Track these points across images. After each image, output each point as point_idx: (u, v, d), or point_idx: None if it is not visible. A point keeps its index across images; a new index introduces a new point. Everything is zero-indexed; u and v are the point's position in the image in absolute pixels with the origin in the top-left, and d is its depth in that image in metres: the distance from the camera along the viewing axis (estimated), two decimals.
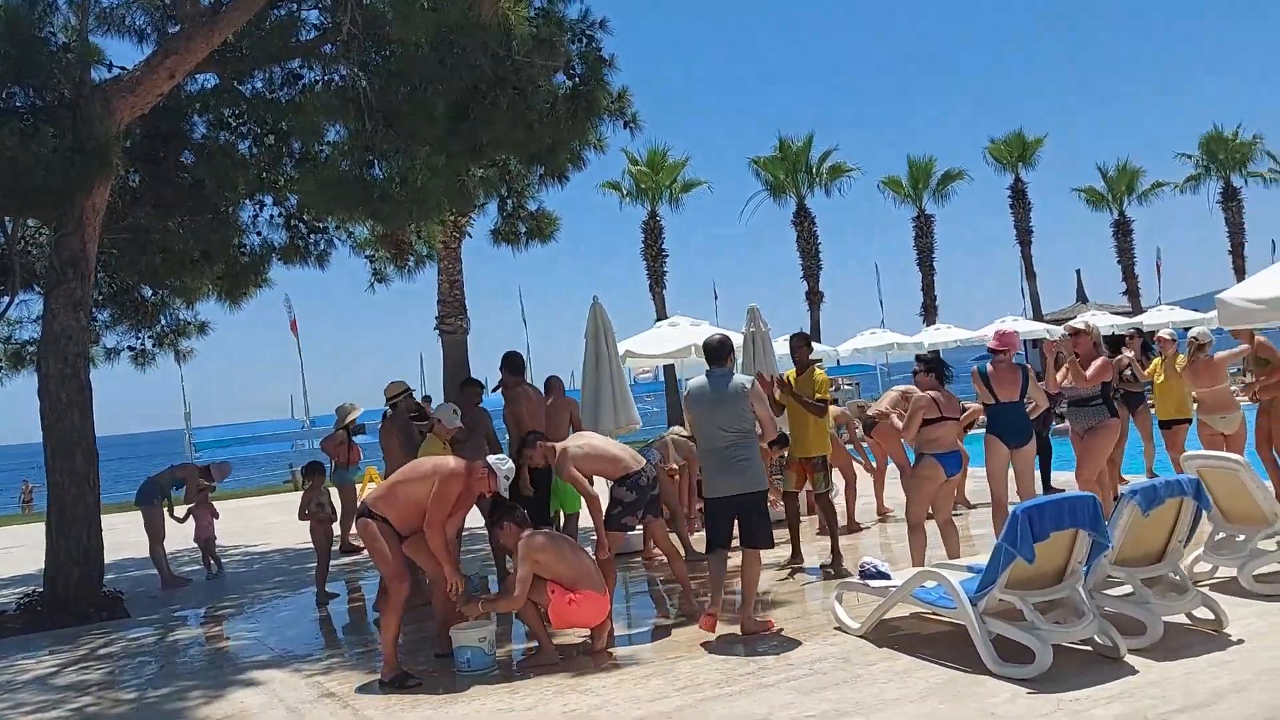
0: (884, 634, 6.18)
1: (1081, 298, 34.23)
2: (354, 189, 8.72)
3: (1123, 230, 33.03)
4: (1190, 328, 28.23)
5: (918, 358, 8.96)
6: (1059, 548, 5.30)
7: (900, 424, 7.79)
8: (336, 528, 10.31)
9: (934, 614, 6.15)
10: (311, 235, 13.91)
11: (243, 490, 26.93)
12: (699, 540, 10.21)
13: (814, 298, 27.95)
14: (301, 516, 9.76)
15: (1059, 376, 8.35)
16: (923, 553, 7.34)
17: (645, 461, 7.35)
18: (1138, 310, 30.53)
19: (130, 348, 14.22)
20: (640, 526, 8.23)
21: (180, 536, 11.99)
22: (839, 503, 10.99)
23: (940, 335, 25.47)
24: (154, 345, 14.38)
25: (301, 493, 10.11)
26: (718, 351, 6.93)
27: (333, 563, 11.53)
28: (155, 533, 11.06)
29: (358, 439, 42.62)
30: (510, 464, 6.45)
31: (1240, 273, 33.11)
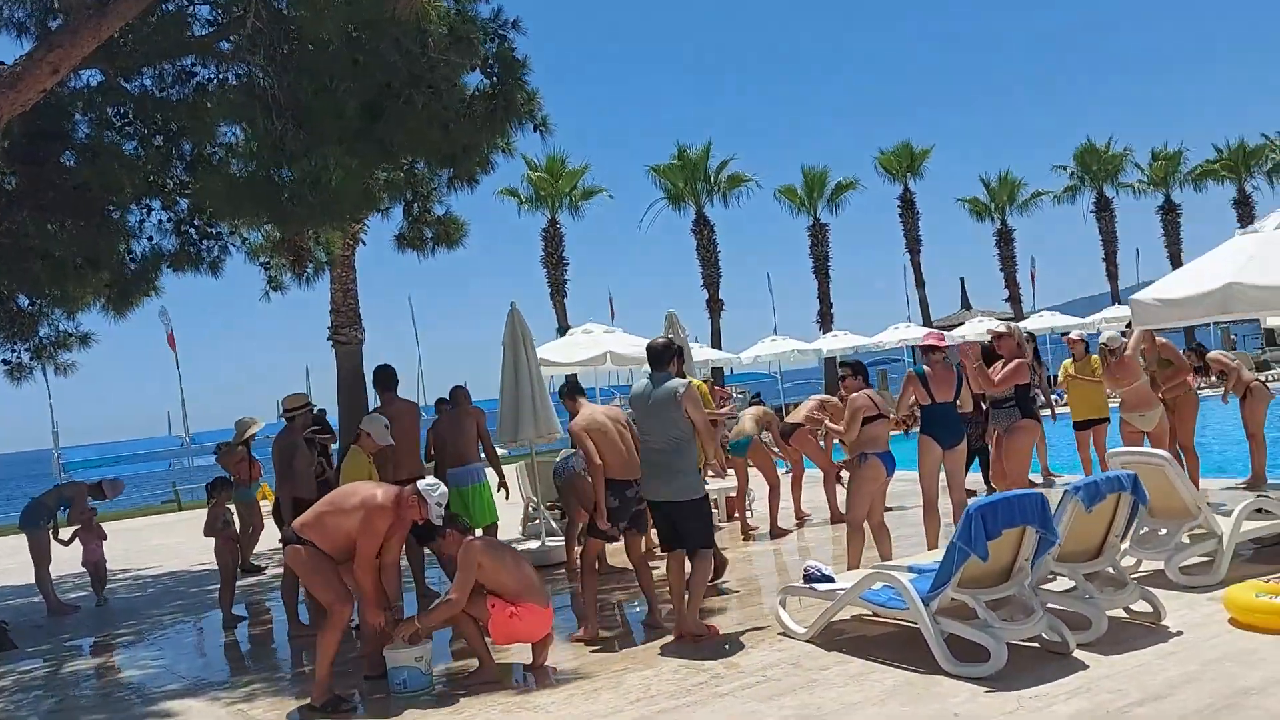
0: (830, 637, 6.14)
1: (965, 304, 35.31)
2: (262, 191, 8.29)
3: (1004, 239, 34.23)
4: (1068, 331, 29.33)
5: (842, 363, 9.00)
6: (1007, 545, 5.33)
7: (836, 427, 7.77)
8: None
9: (880, 615, 6.14)
10: (204, 241, 13.28)
11: (121, 511, 25.60)
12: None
13: (714, 305, 28.15)
14: (207, 533, 9.27)
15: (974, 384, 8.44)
16: (859, 554, 7.35)
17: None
18: (1020, 316, 31.64)
19: (5, 361, 13.32)
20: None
21: (65, 561, 11.26)
22: (760, 507, 11.02)
23: (838, 342, 25.90)
24: (31, 358, 13.51)
25: (207, 509, 9.60)
26: (659, 355, 6.82)
27: (238, 586, 11.06)
28: (40, 557, 10.36)
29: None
30: (443, 489, 6.16)
31: (1113, 279, 34.66)
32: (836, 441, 10.81)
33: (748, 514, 10.96)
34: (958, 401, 7.70)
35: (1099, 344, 9.74)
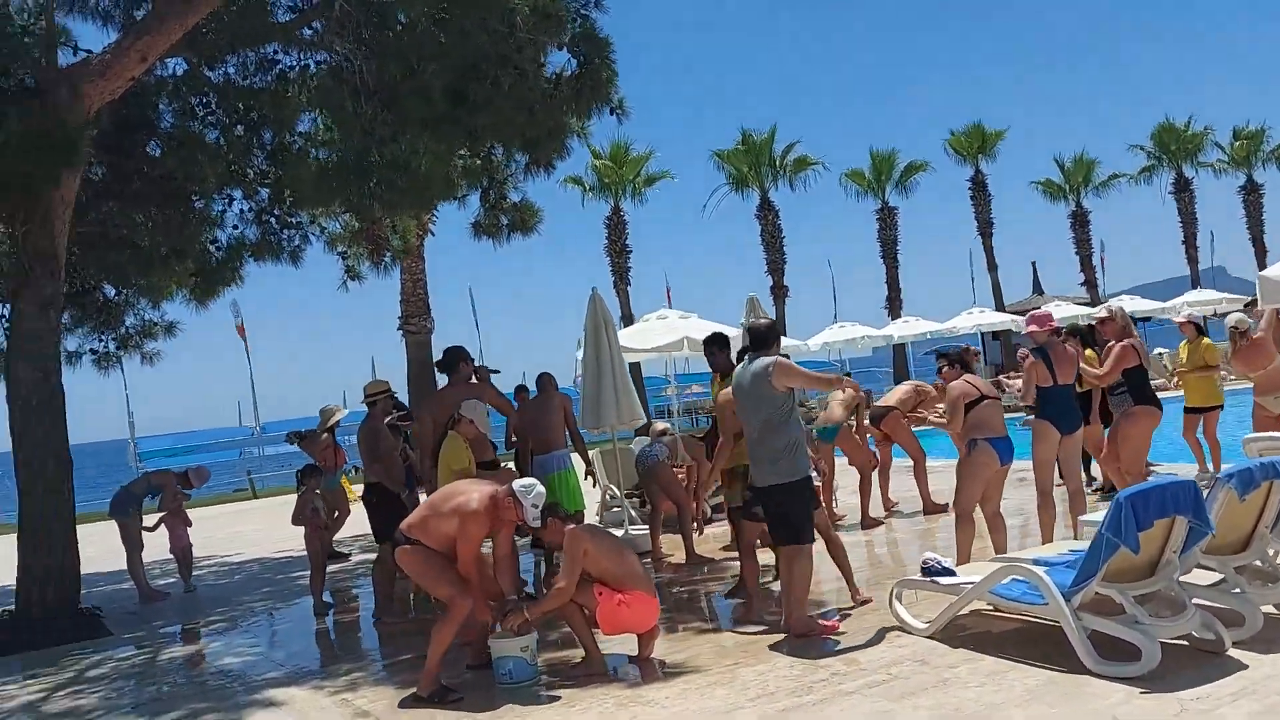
0: (953, 633, 5.85)
1: (1038, 289, 34.48)
2: (351, 177, 8.20)
3: (1079, 221, 33.32)
4: (1149, 316, 28.38)
5: (940, 353, 8.67)
6: (1156, 536, 5.01)
7: (939, 420, 7.43)
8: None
9: (1006, 611, 5.84)
10: (285, 231, 13.30)
11: (196, 500, 25.97)
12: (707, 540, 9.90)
13: (779, 292, 27.76)
14: (296, 521, 9.22)
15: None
16: (969, 546, 7.05)
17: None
18: (1096, 301, 30.77)
19: (93, 350, 13.48)
20: None
21: (151, 548, 11.30)
22: (851, 501, 10.72)
23: (909, 328, 25.38)
24: (118, 348, 13.64)
25: (296, 497, 9.55)
26: (762, 337, 6.52)
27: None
28: (133, 544, 10.41)
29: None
30: (539, 489, 5.97)
31: (1193, 262, 33.60)
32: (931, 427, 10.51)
33: (833, 503, 10.68)
34: (1076, 384, 7.36)
35: (1227, 326, 9.28)
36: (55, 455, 9.36)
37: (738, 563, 7.60)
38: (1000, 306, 30.76)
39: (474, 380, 8.25)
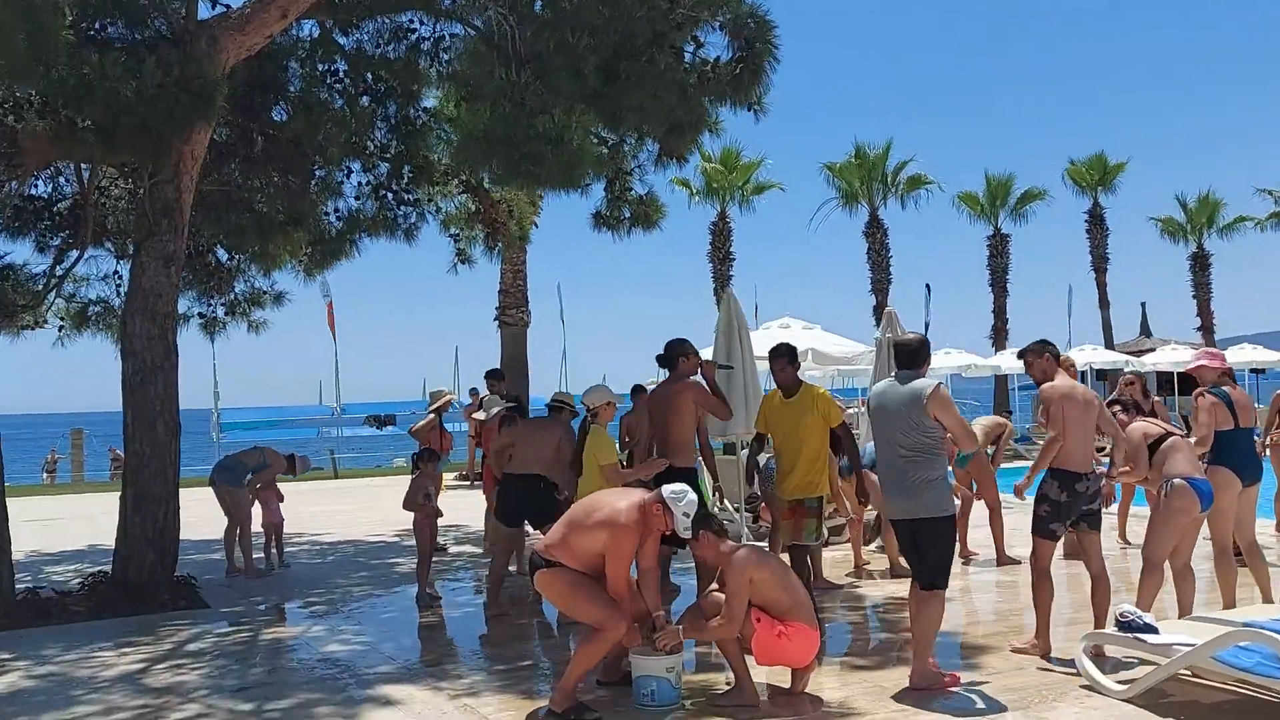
0: (1153, 699, 5.17)
1: (1146, 330, 33.13)
2: (499, 146, 7.73)
3: (1200, 263, 31.88)
4: (1263, 369, 26.85)
5: (1111, 401, 7.96)
6: None
7: (1125, 469, 6.66)
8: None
9: (1221, 679, 5.14)
10: (401, 208, 12.99)
11: (280, 476, 25.95)
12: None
13: (881, 312, 26.72)
14: (407, 506, 8.79)
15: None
16: (1152, 600, 6.32)
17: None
18: (1211, 345, 29.39)
19: (201, 315, 13.31)
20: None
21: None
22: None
23: (1015, 360, 24.33)
24: (226, 313, 13.46)
25: (410, 479, 9.14)
26: (914, 354, 5.86)
27: (414, 561, 10.63)
28: (243, 515, 10.07)
29: (390, 429, 41.42)
30: (691, 496, 5.41)
31: None
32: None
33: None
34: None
35: None
36: (165, 417, 9.08)
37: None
38: (1110, 345, 29.54)
39: (698, 376, 7.63)
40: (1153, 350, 27.17)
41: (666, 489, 5.36)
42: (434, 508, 8.85)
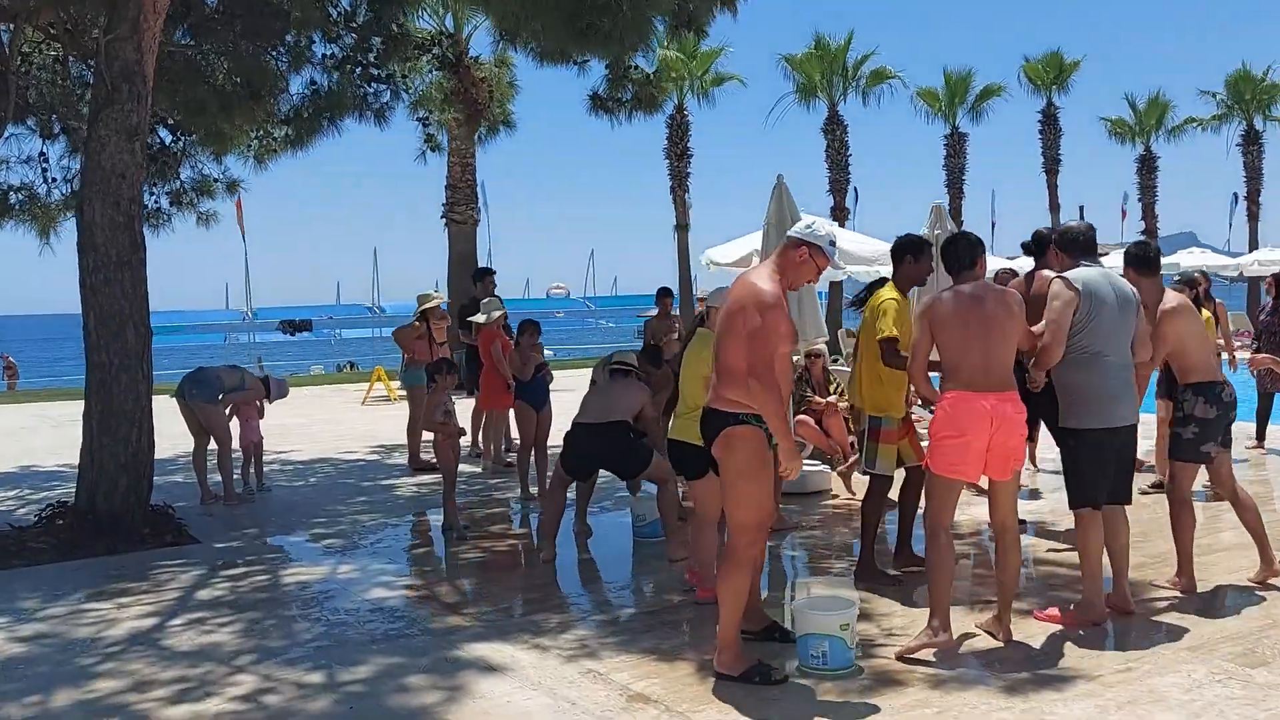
0: None
1: None
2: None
3: (1147, 166, 31.74)
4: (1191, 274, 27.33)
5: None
6: None
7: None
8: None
9: None
10: (372, 85, 11.48)
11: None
12: None
13: (839, 214, 25.98)
14: (425, 426, 7.68)
15: None
16: None
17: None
18: None
19: (143, 206, 11.67)
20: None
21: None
22: None
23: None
24: (171, 204, 11.86)
25: (426, 395, 7.96)
26: (1092, 242, 5.18)
27: (411, 483, 9.56)
28: (223, 436, 8.80)
29: (305, 335, 39.76)
30: (822, 222, 4.66)
31: (1254, 219, 32.28)
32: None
33: None
34: None
35: None
36: (135, 321, 7.71)
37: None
38: None
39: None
40: (1106, 254, 27.05)
41: (797, 228, 4.54)
42: (456, 426, 7.74)
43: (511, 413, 8.78)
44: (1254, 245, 30.39)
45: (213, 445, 8.91)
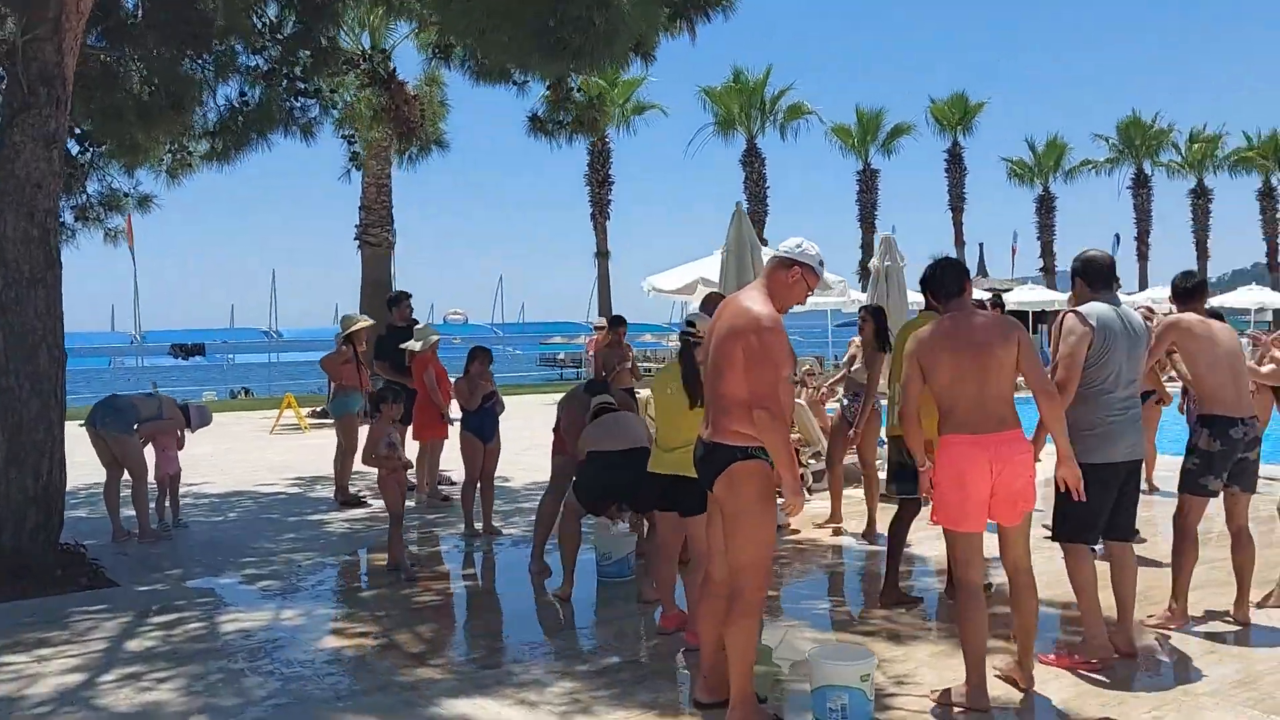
0: None
1: (982, 271, 33.94)
2: (523, 9, 6.10)
3: (1046, 205, 32.79)
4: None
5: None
6: None
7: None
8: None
9: None
10: (298, 99, 10.96)
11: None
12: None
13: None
14: (368, 460, 7.15)
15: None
16: None
17: None
18: (1052, 287, 30.34)
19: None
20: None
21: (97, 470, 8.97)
22: None
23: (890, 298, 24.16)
24: (76, 219, 11.09)
25: (369, 425, 7.45)
26: (1113, 271, 5.12)
27: (342, 519, 9.05)
28: (139, 469, 8.15)
29: (199, 360, 38.03)
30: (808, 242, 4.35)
31: (1143, 259, 33.58)
32: None
33: None
34: None
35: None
36: (49, 343, 7.08)
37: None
38: None
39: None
40: (1009, 290, 27.77)
41: (786, 244, 4.31)
42: (402, 459, 7.28)
43: (458, 444, 8.32)
44: (1143, 284, 31.60)
45: (126, 478, 8.26)
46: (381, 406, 7.26)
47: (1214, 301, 24.97)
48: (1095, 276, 5.01)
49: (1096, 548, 5.00)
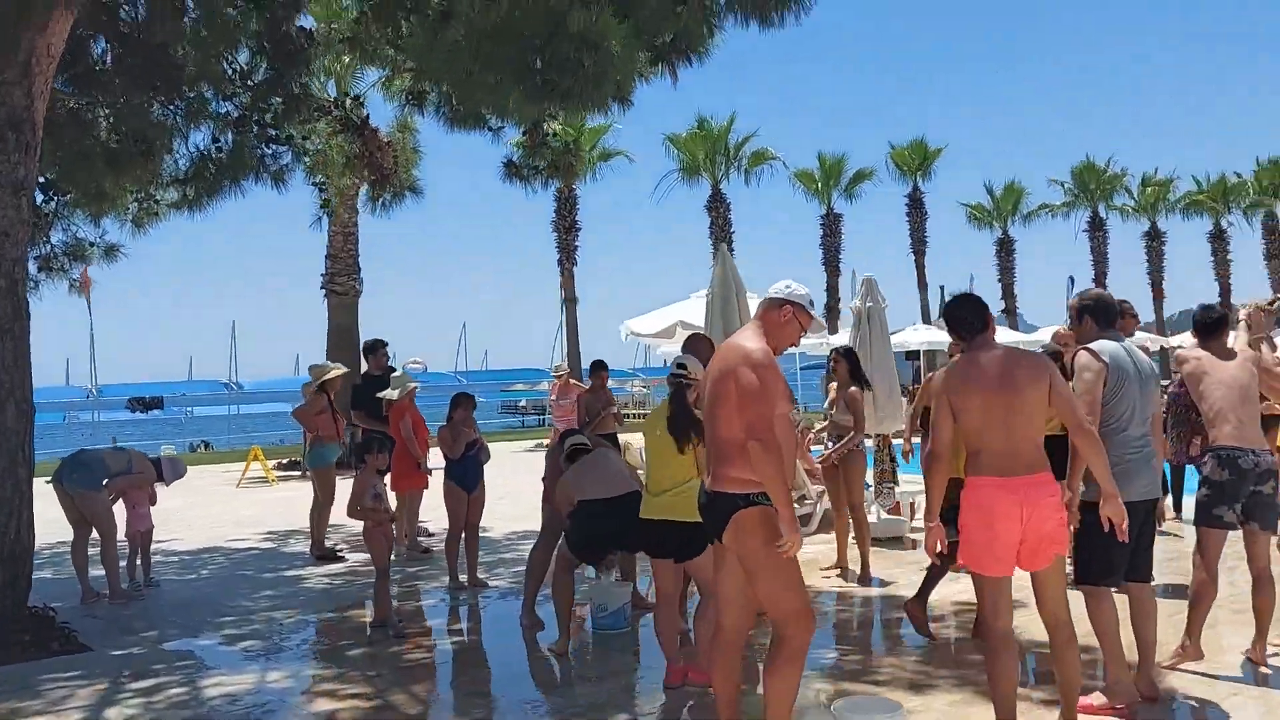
0: None
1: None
2: (508, 52, 6.00)
3: (1005, 249, 33.26)
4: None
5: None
6: None
7: None
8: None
9: None
10: (270, 146, 10.79)
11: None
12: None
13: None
14: (353, 512, 6.90)
15: None
16: None
17: None
18: (1014, 329, 30.62)
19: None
20: None
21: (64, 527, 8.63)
22: None
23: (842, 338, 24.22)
24: (39, 270, 10.80)
25: (355, 476, 7.20)
26: (1113, 309, 5.06)
27: (320, 574, 8.78)
28: (108, 527, 7.83)
29: (157, 413, 37.11)
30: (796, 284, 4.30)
31: None
32: None
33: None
34: None
35: None
36: (16, 397, 6.82)
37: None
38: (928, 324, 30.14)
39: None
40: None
41: (777, 286, 4.24)
42: (388, 511, 7.05)
43: (440, 494, 8.09)
44: None
45: (95, 536, 7.95)
46: (367, 457, 7.03)
47: (1173, 340, 25.31)
48: (1105, 314, 4.97)
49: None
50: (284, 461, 19.20)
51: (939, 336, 25.77)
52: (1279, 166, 35.85)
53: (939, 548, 4.25)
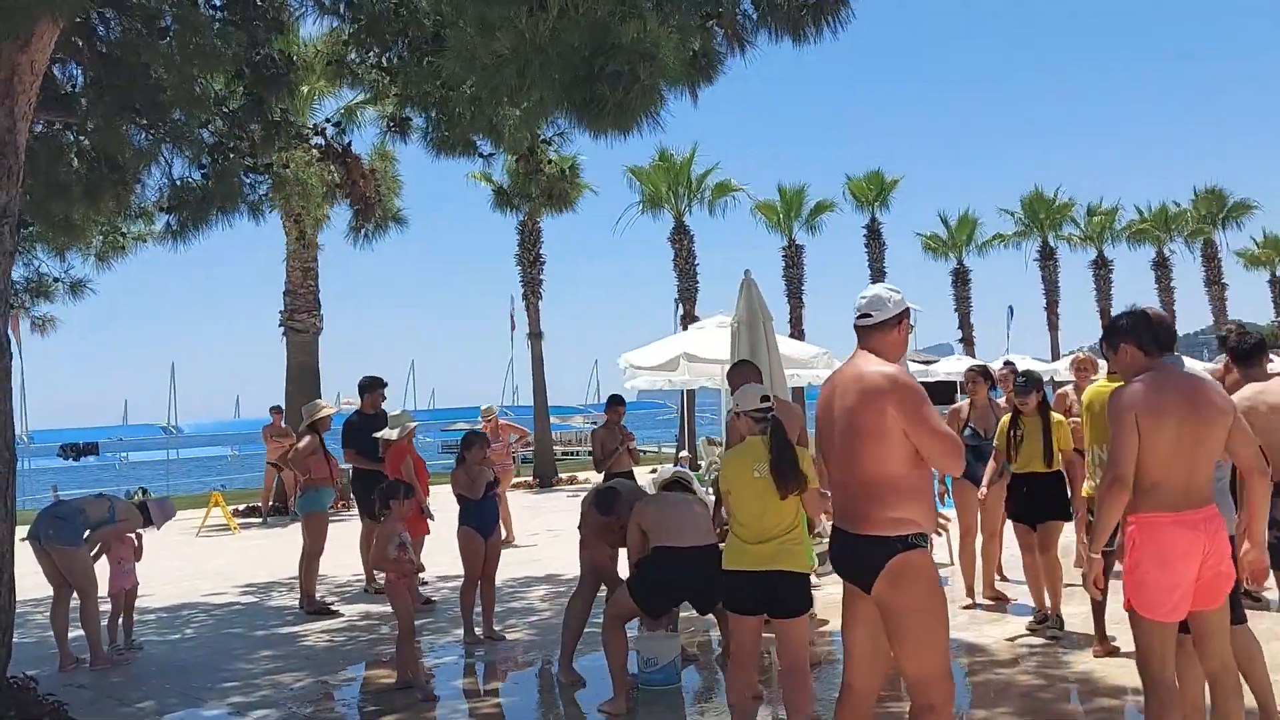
0: None
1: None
2: (558, 64, 5.57)
3: (961, 279, 33.45)
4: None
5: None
6: None
7: None
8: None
9: None
10: (249, 175, 10.21)
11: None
12: None
13: (689, 322, 25.79)
14: (377, 564, 6.36)
15: None
16: None
17: None
18: (972, 356, 30.76)
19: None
20: None
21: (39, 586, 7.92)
22: None
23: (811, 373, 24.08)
24: None
25: (377, 526, 6.63)
26: (1171, 332, 4.49)
27: (317, 629, 8.17)
28: (88, 586, 7.15)
29: (91, 460, 35.90)
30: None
31: (1054, 329, 34.42)
32: None
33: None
34: None
35: None
36: None
37: None
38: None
39: None
40: (937, 361, 28.01)
41: (889, 302, 3.84)
42: (414, 561, 6.50)
43: (456, 540, 7.54)
44: (1055, 354, 32.24)
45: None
46: (391, 503, 6.47)
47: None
48: (1163, 337, 4.58)
49: None
50: (241, 508, 18.32)
51: (911, 366, 25.78)
52: (1215, 195, 36.76)
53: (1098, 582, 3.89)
